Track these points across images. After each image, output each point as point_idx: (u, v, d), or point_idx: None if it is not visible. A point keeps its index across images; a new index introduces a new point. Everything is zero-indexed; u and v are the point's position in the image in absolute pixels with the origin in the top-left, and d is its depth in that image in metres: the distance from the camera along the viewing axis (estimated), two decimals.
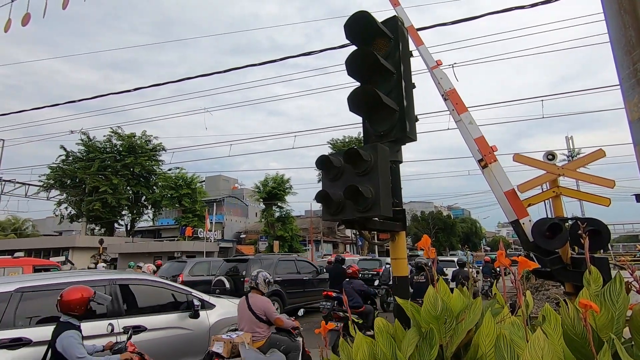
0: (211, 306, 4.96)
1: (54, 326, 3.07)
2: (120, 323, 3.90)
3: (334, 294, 7.54)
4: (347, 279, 7.24)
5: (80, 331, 3.03)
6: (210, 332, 4.66)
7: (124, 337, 3.46)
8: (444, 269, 13.63)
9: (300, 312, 5.61)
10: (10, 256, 11.19)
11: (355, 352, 1.67)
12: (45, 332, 3.28)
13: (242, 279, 9.48)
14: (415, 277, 7.33)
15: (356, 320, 5.79)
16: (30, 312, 3.65)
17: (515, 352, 1.25)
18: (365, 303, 7.04)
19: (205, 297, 5.04)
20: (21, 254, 12.63)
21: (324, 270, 12.24)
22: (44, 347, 3.14)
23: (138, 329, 3.96)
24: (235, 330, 4.26)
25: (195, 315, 4.57)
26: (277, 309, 7.67)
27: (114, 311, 3.98)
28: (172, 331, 4.33)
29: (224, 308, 5.09)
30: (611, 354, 1.14)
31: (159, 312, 4.43)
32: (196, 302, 4.60)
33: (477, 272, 12.35)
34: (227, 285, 9.66)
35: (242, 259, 11.10)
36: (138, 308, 4.35)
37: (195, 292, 4.96)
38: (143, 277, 4.99)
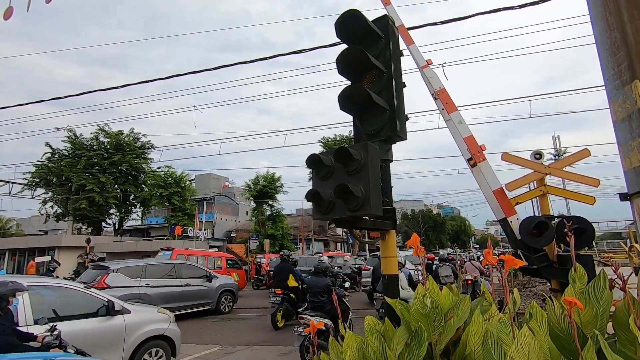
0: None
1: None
2: None
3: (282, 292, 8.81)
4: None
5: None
6: None
7: None
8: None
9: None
10: None
11: (344, 351, 1.67)
12: None
13: None
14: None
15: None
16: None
17: (502, 349, 1.26)
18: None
19: None
20: (215, 248, 18.26)
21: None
22: None
23: None
24: None
25: None
26: None
27: None
28: None
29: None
30: (595, 350, 1.16)
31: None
32: None
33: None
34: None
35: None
36: None
37: None
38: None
